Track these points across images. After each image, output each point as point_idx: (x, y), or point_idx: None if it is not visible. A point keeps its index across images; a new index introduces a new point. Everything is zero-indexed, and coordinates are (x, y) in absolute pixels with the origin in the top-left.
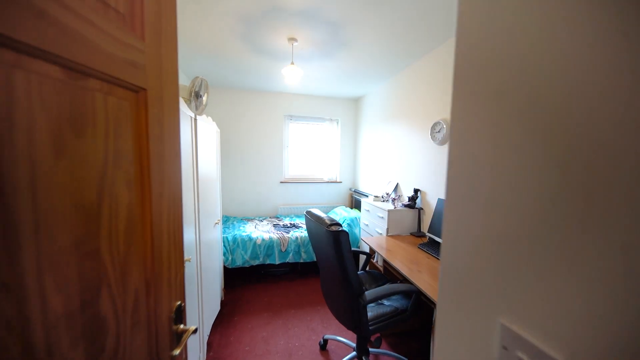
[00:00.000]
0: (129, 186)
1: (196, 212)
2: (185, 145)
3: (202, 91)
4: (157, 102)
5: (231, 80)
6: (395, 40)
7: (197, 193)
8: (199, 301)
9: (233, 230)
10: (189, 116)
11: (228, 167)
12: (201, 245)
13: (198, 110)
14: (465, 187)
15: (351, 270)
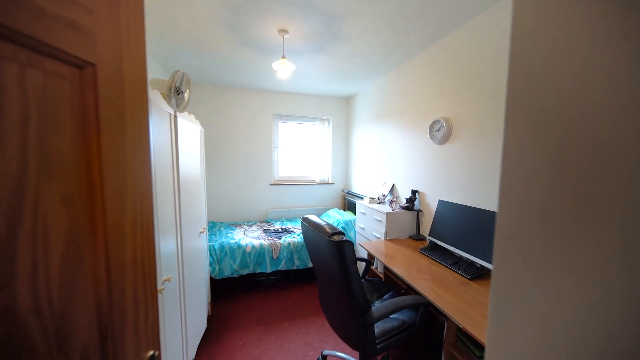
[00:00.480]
0: (67, 203)
1: (178, 221)
2: (164, 146)
3: (183, 86)
4: (114, 84)
5: (217, 76)
6: (391, 34)
7: (178, 199)
8: (182, 322)
9: (220, 237)
10: (168, 113)
11: (214, 169)
12: (184, 258)
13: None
14: None
15: (357, 284)
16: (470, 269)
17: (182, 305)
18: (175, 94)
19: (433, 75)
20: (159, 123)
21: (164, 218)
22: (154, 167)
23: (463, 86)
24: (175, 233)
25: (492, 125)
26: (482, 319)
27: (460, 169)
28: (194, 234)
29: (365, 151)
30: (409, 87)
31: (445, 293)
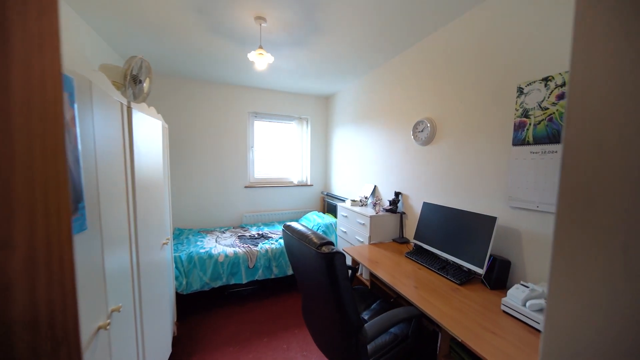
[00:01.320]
0: None
1: (132, 232)
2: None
3: (142, 75)
4: None
5: (185, 66)
6: (374, 30)
7: (133, 205)
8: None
9: (188, 246)
10: (119, 102)
11: (181, 170)
12: (141, 276)
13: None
14: None
15: (349, 302)
16: (459, 274)
17: (138, 334)
18: (132, 83)
19: (416, 74)
20: (106, 114)
21: (112, 229)
22: (98, 165)
23: (447, 86)
24: (129, 246)
25: (477, 126)
26: (477, 328)
27: (445, 171)
28: (155, 245)
29: (345, 152)
30: (392, 87)
31: (436, 301)
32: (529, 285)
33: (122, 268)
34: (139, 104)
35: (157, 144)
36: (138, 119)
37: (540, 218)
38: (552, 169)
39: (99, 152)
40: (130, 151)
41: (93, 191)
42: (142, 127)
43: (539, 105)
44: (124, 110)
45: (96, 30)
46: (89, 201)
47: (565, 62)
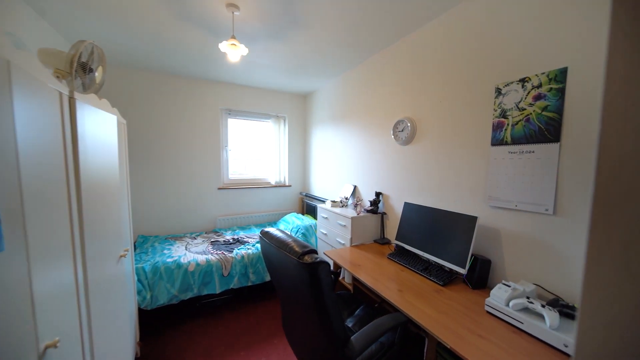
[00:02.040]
0: None
1: (76, 243)
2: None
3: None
4: None
5: (149, 57)
6: (354, 26)
7: (77, 211)
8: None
9: (154, 255)
10: (57, 91)
11: (146, 171)
12: (90, 294)
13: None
14: None
15: (334, 313)
16: (441, 274)
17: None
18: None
19: (396, 73)
20: (33, 103)
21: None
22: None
23: (428, 86)
24: (73, 261)
25: (457, 126)
26: (463, 331)
27: (426, 170)
28: (110, 257)
29: (325, 151)
30: (372, 86)
31: (422, 305)
32: (510, 284)
33: (62, 289)
34: (86, 95)
35: (111, 141)
36: (85, 112)
37: (518, 217)
38: (530, 168)
39: (23, 150)
40: (74, 149)
41: (13, 199)
42: (90, 122)
43: (516, 106)
44: (64, 101)
45: (38, 12)
46: (6, 213)
47: (541, 63)
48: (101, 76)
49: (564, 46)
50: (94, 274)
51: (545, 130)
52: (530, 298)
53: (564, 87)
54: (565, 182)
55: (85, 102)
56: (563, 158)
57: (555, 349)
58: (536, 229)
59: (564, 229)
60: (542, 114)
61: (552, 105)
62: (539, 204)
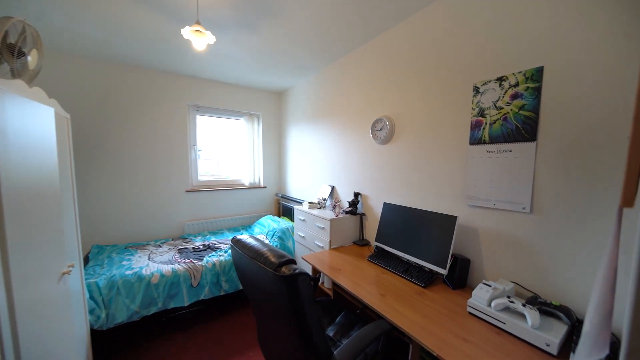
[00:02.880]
0: None
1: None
2: None
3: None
4: None
5: (100, 44)
6: (331, 20)
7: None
8: None
9: (110, 268)
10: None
11: (99, 173)
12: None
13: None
14: None
15: (315, 329)
16: (422, 275)
17: None
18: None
19: (374, 71)
20: None
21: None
22: None
23: (406, 84)
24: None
25: (436, 125)
26: (448, 335)
27: (405, 170)
28: (48, 276)
29: (301, 151)
30: (350, 83)
31: (404, 309)
32: (491, 284)
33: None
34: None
35: (47, 138)
36: (6, 101)
37: (496, 216)
38: (508, 167)
39: None
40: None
41: None
42: (14, 113)
43: (494, 105)
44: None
45: None
46: None
47: (518, 62)
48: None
49: (539, 45)
50: (24, 295)
51: (522, 129)
52: (511, 297)
53: (540, 86)
54: (541, 181)
55: (6, 90)
56: (539, 157)
57: (537, 348)
58: (514, 227)
59: (540, 227)
60: (519, 113)
61: (528, 104)
62: (516, 202)
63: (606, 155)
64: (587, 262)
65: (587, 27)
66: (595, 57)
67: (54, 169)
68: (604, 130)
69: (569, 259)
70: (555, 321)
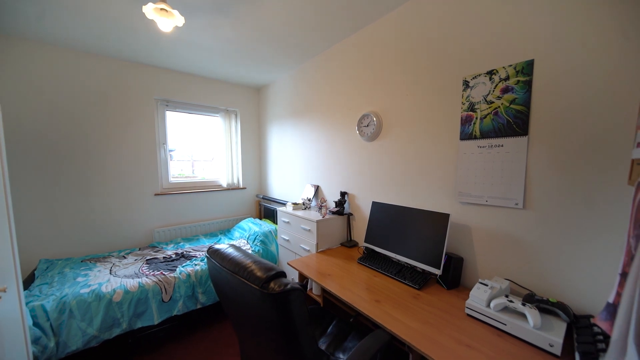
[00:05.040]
0: None
1: None
2: None
3: None
4: None
5: (48, 26)
6: (314, 8)
7: None
8: None
9: (61, 286)
10: None
11: (50, 177)
12: None
13: None
14: None
15: (309, 349)
16: (415, 277)
17: None
18: None
19: (360, 65)
20: None
21: None
22: None
23: (394, 78)
24: None
25: (425, 121)
26: (449, 342)
27: (393, 167)
28: None
29: (283, 149)
30: (334, 78)
31: (401, 316)
32: (487, 283)
33: None
34: None
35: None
36: None
37: (489, 212)
38: (500, 162)
39: None
40: None
41: None
42: None
43: (484, 99)
44: None
45: None
46: None
47: (508, 55)
48: None
49: (530, 38)
50: None
51: (513, 123)
52: (510, 297)
53: (530, 79)
54: (534, 176)
55: None
56: (531, 151)
57: (541, 349)
58: (507, 223)
59: (533, 222)
60: (510, 107)
61: (519, 98)
62: (508, 198)
63: (598, 148)
64: (581, 257)
65: (577, 18)
66: (585, 49)
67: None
68: (595, 123)
69: (562, 254)
70: (554, 319)
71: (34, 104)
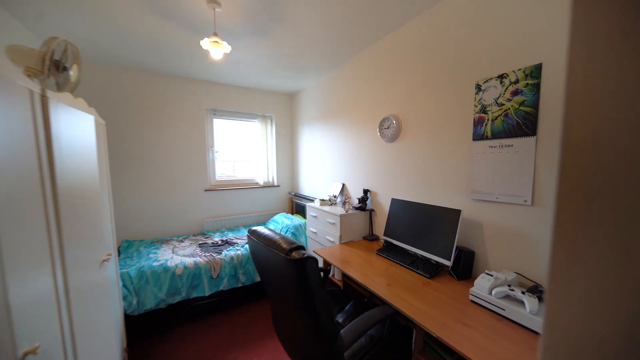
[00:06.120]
0: None
1: (55, 249)
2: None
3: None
4: None
5: (125, 54)
6: (341, 25)
7: (55, 216)
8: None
9: (139, 260)
10: (28, 89)
11: (128, 174)
12: (71, 301)
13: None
14: None
15: (323, 309)
16: (428, 267)
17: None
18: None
19: (381, 71)
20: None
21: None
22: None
23: (412, 83)
24: (51, 267)
25: (440, 122)
26: (449, 320)
27: (411, 166)
28: (91, 263)
29: (312, 150)
30: (358, 84)
31: (409, 297)
32: (493, 273)
33: (41, 297)
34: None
35: (89, 143)
36: (59, 111)
37: (499, 209)
38: (509, 161)
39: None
40: (49, 151)
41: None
42: (66, 122)
43: (495, 102)
44: (36, 99)
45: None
46: None
47: (518, 59)
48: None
49: (538, 43)
50: (75, 280)
51: (522, 124)
52: (512, 286)
53: (539, 82)
54: (541, 174)
55: (59, 101)
56: (539, 151)
57: (535, 332)
58: (516, 219)
59: (540, 218)
60: (519, 109)
61: (528, 100)
62: (518, 195)
63: None
64: None
65: None
66: None
67: (95, 170)
68: None
69: None
70: None
71: (118, 116)
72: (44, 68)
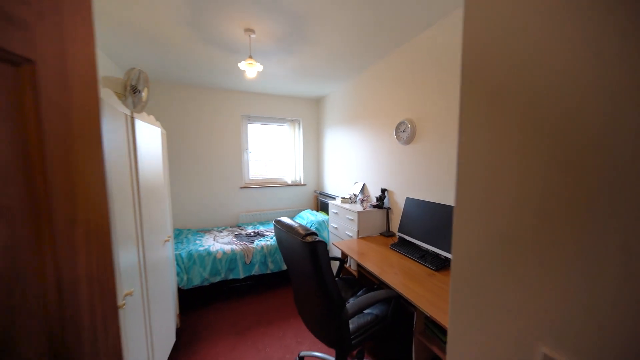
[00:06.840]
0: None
1: (139, 230)
2: (120, 150)
3: (140, 85)
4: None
5: (179, 74)
6: (359, 38)
7: (139, 207)
8: (147, 337)
9: (188, 245)
10: (124, 114)
11: (179, 173)
12: (147, 270)
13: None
14: (469, 189)
15: (331, 284)
16: (436, 261)
17: (146, 319)
18: (132, 93)
19: (397, 78)
20: (114, 125)
21: (123, 228)
22: (109, 172)
23: (425, 89)
24: (137, 243)
25: (452, 126)
26: (446, 306)
27: (425, 168)
28: (158, 243)
29: (336, 152)
30: (376, 90)
31: (413, 285)
32: None
33: (132, 261)
34: (139, 113)
35: (157, 150)
36: (140, 127)
37: None
38: None
39: (110, 159)
40: (134, 158)
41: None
42: (143, 135)
43: None
44: (128, 120)
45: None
46: None
47: None
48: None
49: None
50: (149, 254)
51: None
52: None
53: None
54: None
55: (139, 119)
56: None
57: None
58: None
59: None
60: None
61: None
62: None
63: None
64: None
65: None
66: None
67: (160, 171)
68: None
69: None
70: None
71: (175, 126)
72: (125, 92)
